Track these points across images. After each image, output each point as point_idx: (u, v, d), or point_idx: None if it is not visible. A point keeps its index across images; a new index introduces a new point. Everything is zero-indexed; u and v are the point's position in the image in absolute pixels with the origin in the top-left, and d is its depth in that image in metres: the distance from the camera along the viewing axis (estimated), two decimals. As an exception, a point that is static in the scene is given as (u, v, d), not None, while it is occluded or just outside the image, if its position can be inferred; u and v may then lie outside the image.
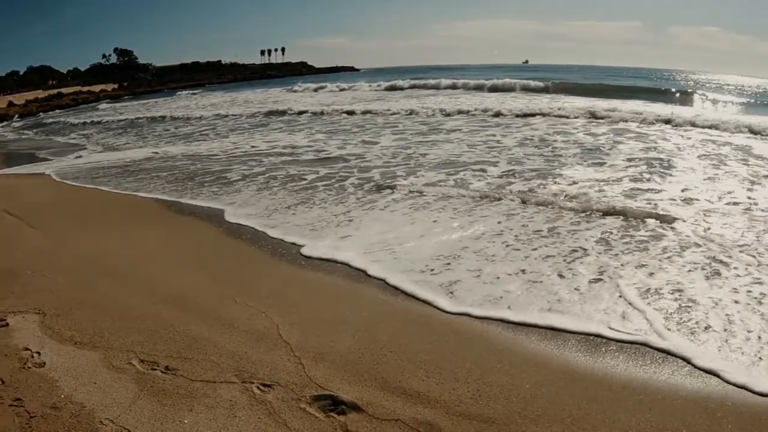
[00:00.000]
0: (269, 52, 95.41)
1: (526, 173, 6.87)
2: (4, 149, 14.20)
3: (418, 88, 25.28)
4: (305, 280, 3.86)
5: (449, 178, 6.80)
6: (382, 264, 4.01)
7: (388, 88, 26.34)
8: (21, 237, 5.17)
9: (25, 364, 2.74)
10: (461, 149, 8.90)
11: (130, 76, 71.06)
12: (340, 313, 3.29)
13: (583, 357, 2.75)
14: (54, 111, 33.06)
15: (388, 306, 3.40)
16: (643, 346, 2.80)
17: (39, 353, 2.84)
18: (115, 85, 58.45)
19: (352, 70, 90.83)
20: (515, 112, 13.58)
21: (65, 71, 79.96)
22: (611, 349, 2.80)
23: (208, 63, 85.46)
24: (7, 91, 55.50)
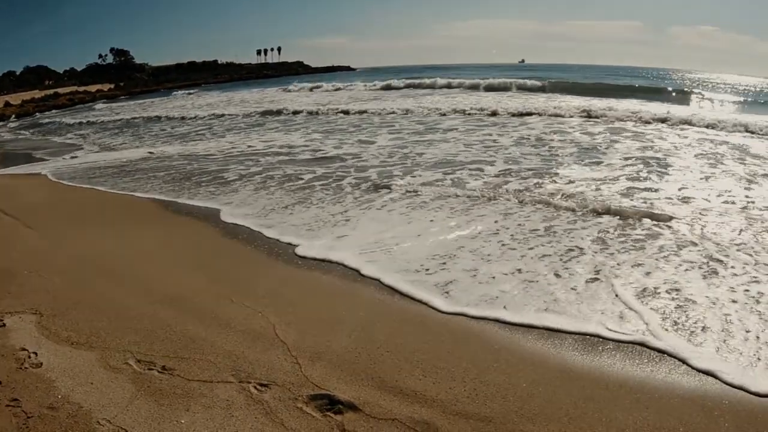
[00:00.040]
0: (265, 52, 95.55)
1: (522, 172, 6.88)
2: (0, 149, 14.15)
3: (414, 87, 25.30)
4: (302, 280, 3.86)
5: (446, 177, 6.80)
6: (377, 264, 4.01)
7: (383, 88, 26.38)
8: (17, 237, 5.14)
9: (22, 364, 2.73)
10: (458, 148, 8.90)
11: (126, 76, 70.94)
12: (337, 312, 3.29)
13: (579, 356, 2.75)
14: (50, 111, 33.01)
15: (384, 306, 3.40)
16: (639, 346, 2.80)
17: (36, 353, 2.84)
18: (112, 85, 58.45)
19: (348, 69, 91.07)
20: (512, 111, 13.60)
21: (62, 71, 79.80)
22: (608, 349, 2.81)
23: (205, 63, 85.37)
24: (4, 91, 55.23)
